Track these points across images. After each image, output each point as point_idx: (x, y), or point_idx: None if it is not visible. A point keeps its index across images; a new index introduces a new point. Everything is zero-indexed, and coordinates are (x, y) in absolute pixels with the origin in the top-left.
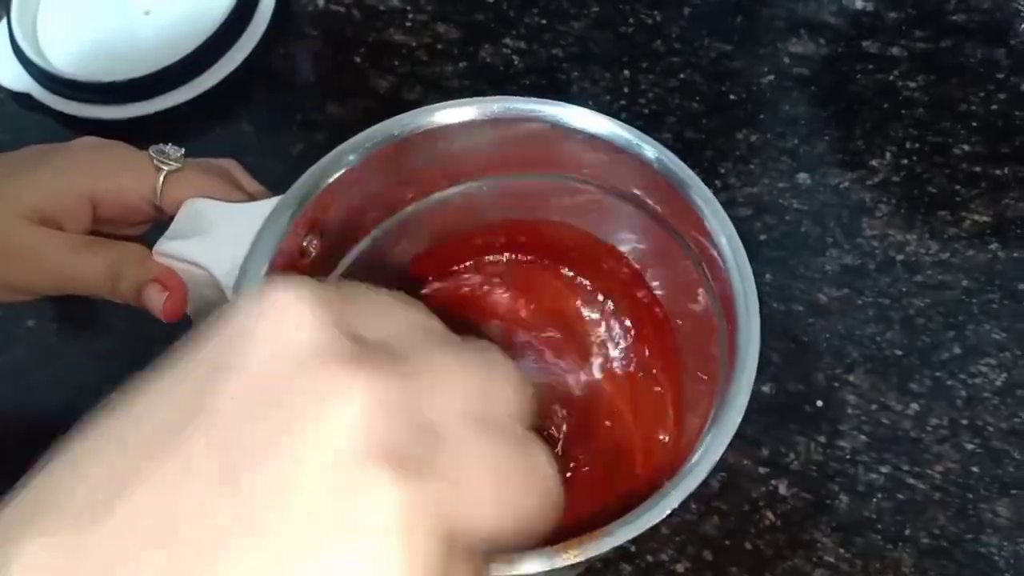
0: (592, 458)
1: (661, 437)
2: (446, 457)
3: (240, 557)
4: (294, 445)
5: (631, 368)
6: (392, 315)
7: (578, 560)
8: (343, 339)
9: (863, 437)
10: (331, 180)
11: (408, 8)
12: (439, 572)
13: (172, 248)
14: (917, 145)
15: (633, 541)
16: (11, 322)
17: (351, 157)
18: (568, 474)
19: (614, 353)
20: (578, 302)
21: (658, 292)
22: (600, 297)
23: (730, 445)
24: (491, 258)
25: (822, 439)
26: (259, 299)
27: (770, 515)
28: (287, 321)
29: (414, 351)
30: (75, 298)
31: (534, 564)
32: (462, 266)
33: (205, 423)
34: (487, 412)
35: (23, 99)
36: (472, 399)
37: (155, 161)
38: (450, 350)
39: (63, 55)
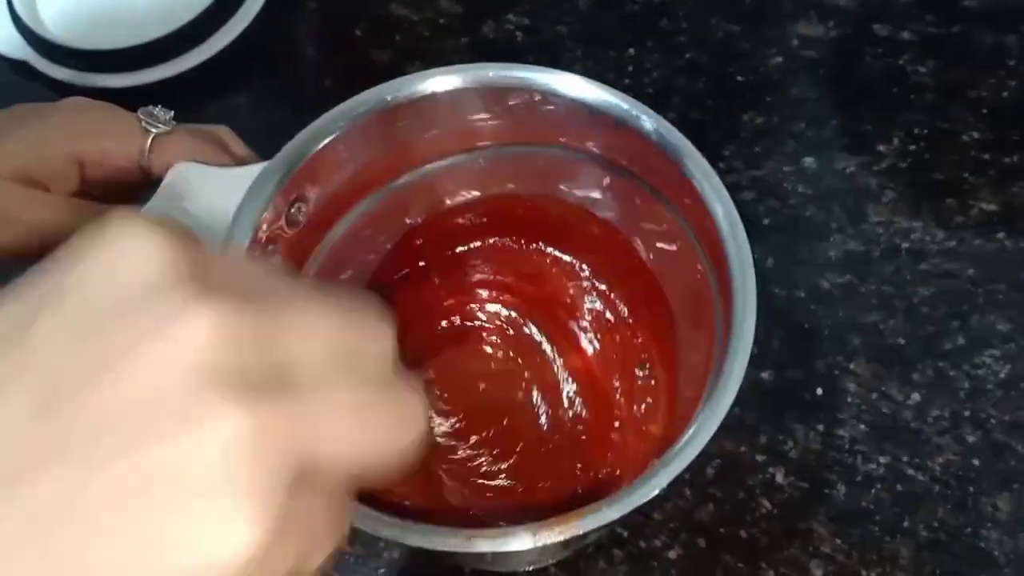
0: (581, 441)
1: (652, 420)
2: (301, 393)
3: (54, 485)
4: (124, 368)
5: (622, 348)
6: (249, 269)
7: (563, 537)
8: (188, 271)
9: (863, 426)
10: (320, 146)
11: None
12: (282, 501)
13: (158, 211)
14: (925, 131)
15: (626, 526)
16: None
17: (341, 123)
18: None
19: (603, 332)
20: (567, 280)
21: (652, 267)
22: (590, 273)
23: (727, 431)
24: (478, 241)
25: (821, 427)
26: (102, 228)
27: (766, 503)
28: (130, 250)
29: (270, 294)
30: None
31: (520, 541)
32: (453, 245)
33: (20, 353)
34: (348, 354)
35: (20, 66)
36: (332, 342)
37: (143, 123)
38: (312, 296)
39: (61, 23)
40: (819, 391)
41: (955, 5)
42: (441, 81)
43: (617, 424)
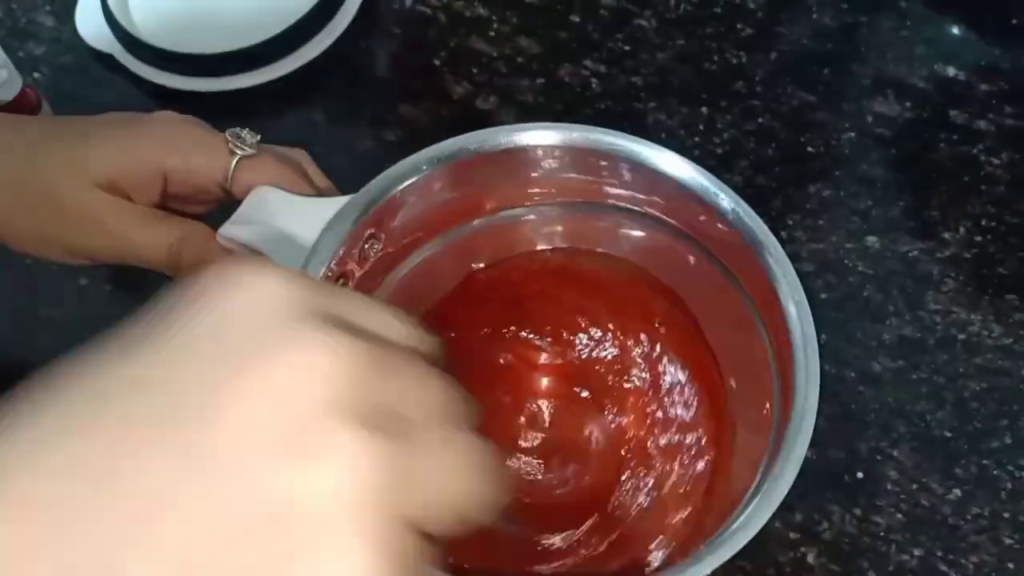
0: (624, 515)
1: (698, 498)
2: (411, 439)
3: (180, 515)
4: (245, 396)
5: (675, 426)
6: (371, 311)
7: None
8: (316, 312)
9: (900, 516)
10: (401, 187)
11: (494, 18)
12: (395, 541)
13: (236, 233)
14: (993, 224)
15: None
16: (66, 278)
17: (425, 167)
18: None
19: (655, 403)
20: (626, 346)
21: (714, 345)
22: (648, 345)
23: None
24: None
25: (858, 511)
26: (236, 270)
27: None
28: (266, 291)
29: (390, 340)
30: (130, 266)
31: None
32: (514, 294)
33: (145, 381)
34: (450, 408)
35: (106, 59)
36: (439, 395)
37: (230, 144)
38: (421, 359)
39: (150, 22)
40: (859, 474)
41: None
42: (529, 136)
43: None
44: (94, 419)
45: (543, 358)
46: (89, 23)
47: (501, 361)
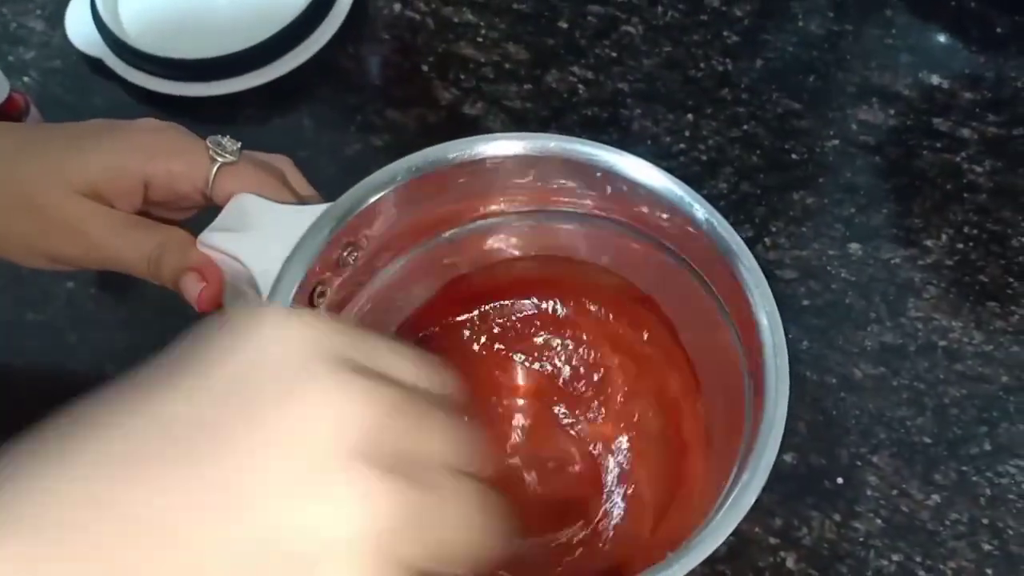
0: (602, 521)
1: (674, 502)
2: (420, 485)
3: (202, 528)
4: (265, 436)
5: (648, 430)
6: (392, 356)
7: None
8: (335, 353)
9: (879, 521)
10: (380, 195)
11: (482, 24)
12: None
13: (215, 240)
14: (975, 231)
15: None
16: (51, 281)
17: (401, 176)
18: (581, 534)
19: (630, 407)
20: (602, 347)
21: (688, 348)
22: (627, 346)
23: None
24: (516, 299)
25: (837, 517)
26: (261, 318)
27: None
28: (292, 336)
29: (405, 394)
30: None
31: None
32: (492, 301)
33: (177, 426)
34: (458, 460)
35: (95, 64)
36: (449, 446)
37: (211, 151)
38: (437, 407)
39: (140, 27)
40: (839, 480)
41: (1020, 108)
42: (504, 146)
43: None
44: (114, 457)
45: (520, 365)
46: (79, 28)
47: (478, 371)
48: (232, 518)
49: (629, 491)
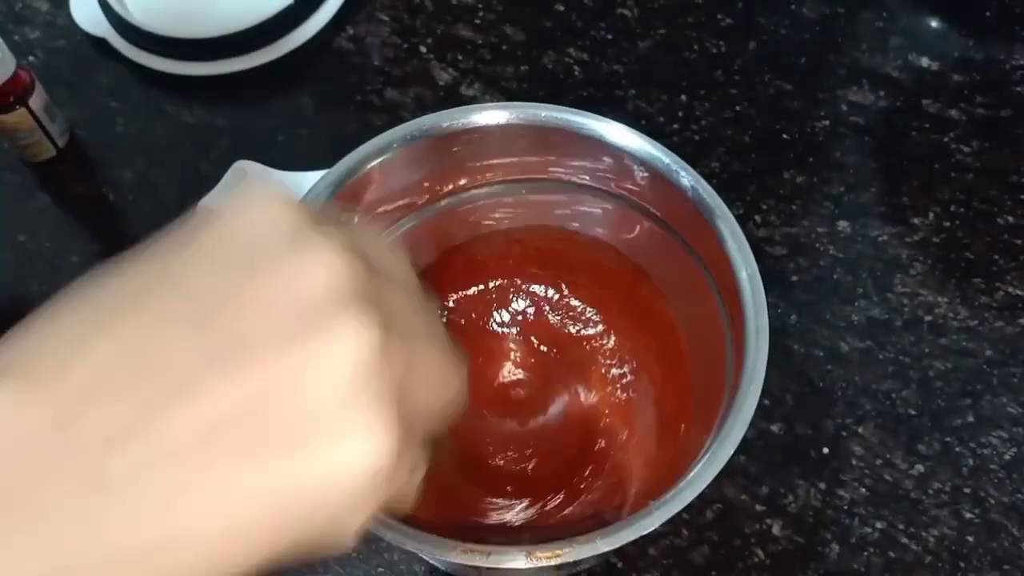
0: (589, 475)
1: (661, 458)
2: (400, 331)
3: (214, 393)
4: (263, 290)
5: (635, 390)
6: (375, 241)
7: (556, 562)
8: (316, 223)
9: (863, 490)
10: (376, 162)
11: (479, 5)
12: (401, 414)
13: (215, 203)
14: (962, 209)
15: (621, 558)
16: (57, 255)
17: (397, 143)
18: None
19: (620, 372)
20: (590, 312)
21: (672, 312)
22: (614, 310)
23: (730, 478)
24: (508, 266)
25: (823, 486)
26: (246, 191)
27: (760, 553)
28: (272, 207)
29: (373, 250)
30: (121, 245)
31: (514, 560)
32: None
33: (174, 281)
34: (428, 315)
35: (99, 44)
36: (420, 300)
37: None
38: (403, 263)
39: (143, 7)
40: (825, 450)
41: (1008, 90)
42: (495, 115)
43: (628, 447)
44: (122, 315)
45: (514, 333)
46: (83, 8)
47: (472, 339)
48: (240, 361)
49: (615, 444)
